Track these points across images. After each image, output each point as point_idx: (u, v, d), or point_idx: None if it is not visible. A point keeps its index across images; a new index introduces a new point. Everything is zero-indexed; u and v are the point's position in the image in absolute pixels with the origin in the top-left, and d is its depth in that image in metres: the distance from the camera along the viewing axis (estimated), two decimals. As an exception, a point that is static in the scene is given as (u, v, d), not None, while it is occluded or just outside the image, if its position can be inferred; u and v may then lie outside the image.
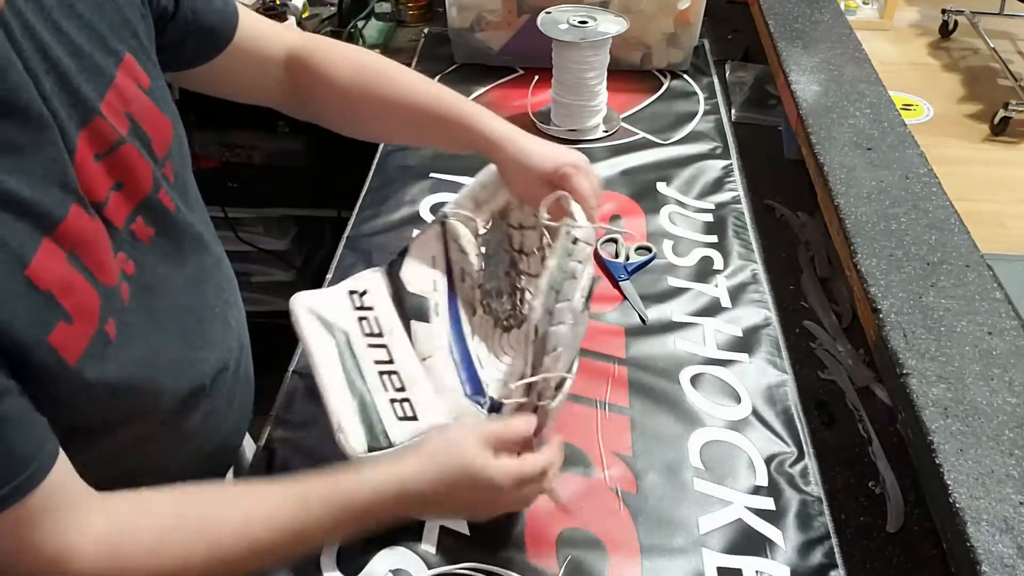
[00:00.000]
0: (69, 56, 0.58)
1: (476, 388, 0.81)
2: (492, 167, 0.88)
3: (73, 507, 0.56)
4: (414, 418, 0.75)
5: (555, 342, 0.72)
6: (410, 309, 0.84)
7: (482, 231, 0.89)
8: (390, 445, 0.73)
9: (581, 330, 0.79)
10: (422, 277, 0.86)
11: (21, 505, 0.52)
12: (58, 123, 0.56)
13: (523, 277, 0.92)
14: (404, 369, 0.79)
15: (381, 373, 0.78)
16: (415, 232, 0.92)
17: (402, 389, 0.78)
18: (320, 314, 0.81)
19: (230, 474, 0.90)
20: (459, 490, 0.68)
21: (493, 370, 0.86)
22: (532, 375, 0.73)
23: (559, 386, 0.74)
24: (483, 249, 0.89)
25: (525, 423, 0.72)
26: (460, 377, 0.81)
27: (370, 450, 0.72)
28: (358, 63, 0.87)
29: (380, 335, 0.81)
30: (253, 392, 0.87)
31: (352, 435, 0.73)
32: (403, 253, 0.87)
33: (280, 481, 0.66)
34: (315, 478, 0.66)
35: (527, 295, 0.92)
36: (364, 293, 0.84)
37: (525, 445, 0.72)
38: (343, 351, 0.79)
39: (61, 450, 0.56)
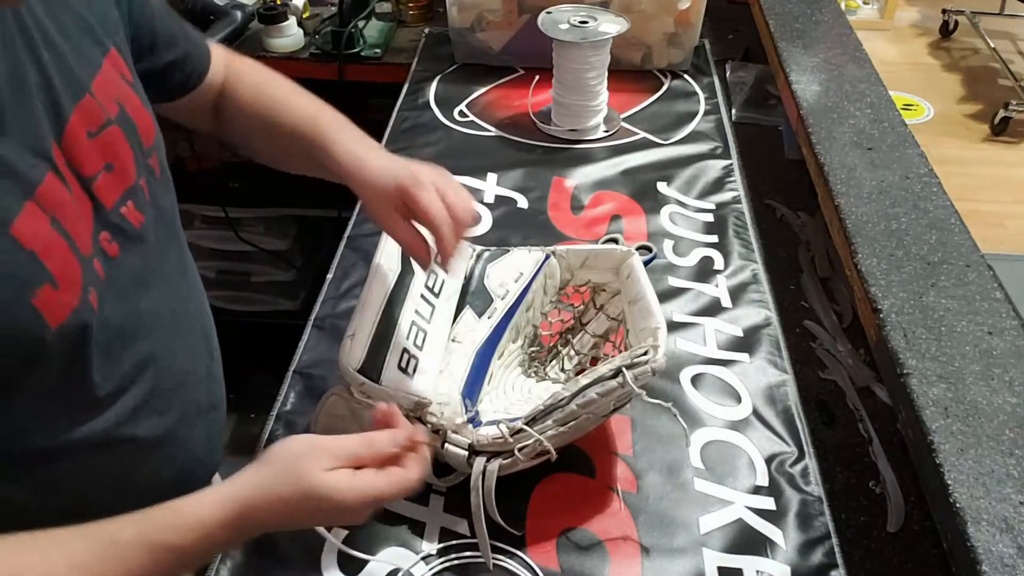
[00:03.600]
0: (61, 35, 0.61)
1: (471, 393, 0.83)
2: (616, 249, 0.91)
3: None
4: (409, 376, 0.77)
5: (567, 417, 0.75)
6: (472, 296, 0.88)
7: (571, 282, 0.93)
8: (377, 381, 0.75)
9: (589, 427, 0.80)
10: (504, 282, 0.90)
11: None
12: (55, 92, 0.58)
13: (572, 347, 0.95)
14: (432, 335, 0.82)
15: (413, 323, 0.81)
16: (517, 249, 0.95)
17: (419, 348, 0.80)
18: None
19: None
20: (300, 507, 0.61)
21: (499, 393, 0.88)
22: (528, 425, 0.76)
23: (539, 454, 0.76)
24: (556, 299, 0.94)
25: (390, 437, 0.65)
26: (466, 375, 0.83)
27: (361, 372, 0.74)
28: (257, 85, 0.84)
29: (437, 295, 0.85)
30: (221, 428, 0.82)
31: (357, 348, 0.75)
32: (505, 251, 0.92)
33: (87, 525, 0.57)
34: (125, 518, 0.58)
35: (565, 361, 0.95)
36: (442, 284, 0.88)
37: (391, 460, 0.64)
38: (400, 285, 0.82)
39: None
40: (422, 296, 0.84)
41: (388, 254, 0.84)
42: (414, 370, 0.78)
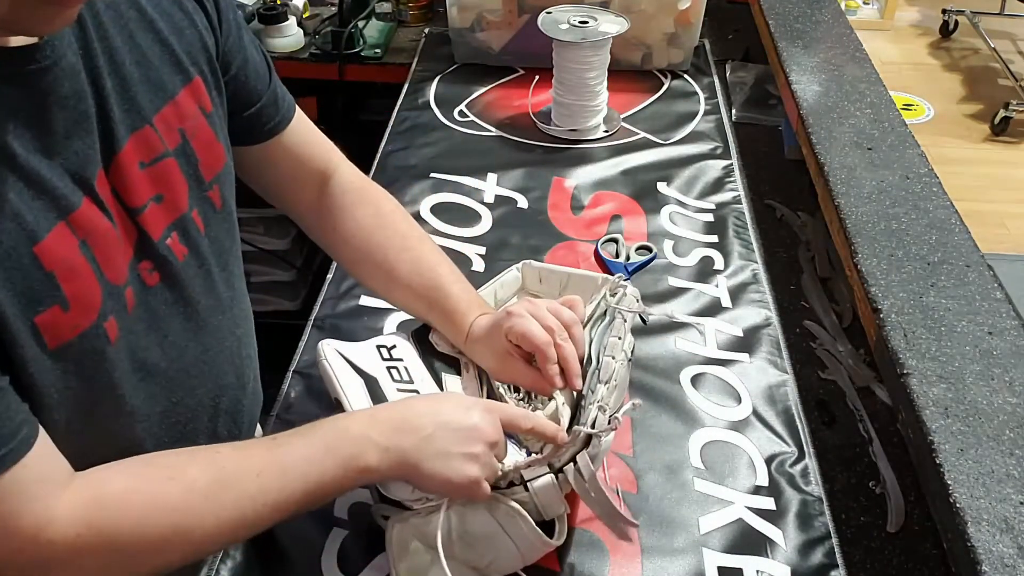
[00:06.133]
0: (134, 64, 0.61)
1: (509, 436, 0.79)
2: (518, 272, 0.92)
3: (51, 481, 0.55)
4: None
5: (608, 374, 0.74)
6: (440, 366, 0.84)
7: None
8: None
9: (624, 384, 0.79)
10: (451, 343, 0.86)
11: None
12: (111, 121, 0.59)
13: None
14: None
15: None
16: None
17: None
18: (349, 358, 0.81)
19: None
20: (428, 410, 0.68)
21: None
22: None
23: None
24: None
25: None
26: None
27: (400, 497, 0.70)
28: (374, 226, 0.86)
29: (411, 382, 0.81)
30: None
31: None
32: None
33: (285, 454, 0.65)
34: (323, 450, 0.65)
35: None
36: (393, 347, 0.84)
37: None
38: (373, 390, 0.78)
39: (42, 429, 0.55)
40: (398, 390, 0.79)
41: (341, 367, 0.79)
42: None
